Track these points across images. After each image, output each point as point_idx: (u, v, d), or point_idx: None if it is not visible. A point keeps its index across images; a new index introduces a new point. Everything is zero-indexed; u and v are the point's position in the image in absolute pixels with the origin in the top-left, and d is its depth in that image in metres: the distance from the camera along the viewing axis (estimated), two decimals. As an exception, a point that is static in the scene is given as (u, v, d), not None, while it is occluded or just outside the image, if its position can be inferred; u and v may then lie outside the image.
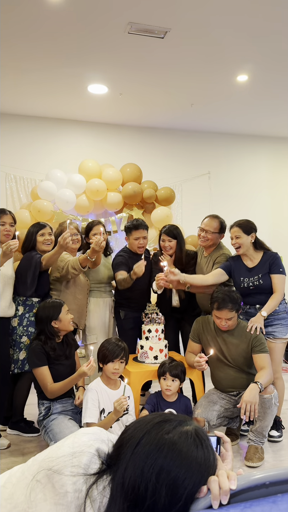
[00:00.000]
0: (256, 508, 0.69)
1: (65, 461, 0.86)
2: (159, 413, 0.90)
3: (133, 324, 3.50)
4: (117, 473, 0.81)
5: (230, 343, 2.91)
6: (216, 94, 4.60)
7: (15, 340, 3.11)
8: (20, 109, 4.96)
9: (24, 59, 3.79)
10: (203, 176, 5.79)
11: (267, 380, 2.67)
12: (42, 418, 2.71)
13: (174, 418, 0.87)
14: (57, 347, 2.79)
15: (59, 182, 4.68)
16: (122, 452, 0.83)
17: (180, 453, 0.79)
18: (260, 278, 3.10)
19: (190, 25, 3.29)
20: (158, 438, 0.81)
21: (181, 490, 0.76)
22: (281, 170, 6.21)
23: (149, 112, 5.10)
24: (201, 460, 0.80)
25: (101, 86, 4.37)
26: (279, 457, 2.89)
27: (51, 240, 3.34)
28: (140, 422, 0.87)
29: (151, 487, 0.76)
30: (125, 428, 0.90)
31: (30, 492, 0.84)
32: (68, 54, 3.72)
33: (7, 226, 3.04)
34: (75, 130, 5.31)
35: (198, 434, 0.84)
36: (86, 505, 0.81)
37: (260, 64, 3.94)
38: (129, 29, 3.32)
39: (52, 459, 0.87)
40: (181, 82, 4.31)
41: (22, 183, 5.04)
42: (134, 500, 0.77)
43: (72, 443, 0.91)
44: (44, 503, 0.82)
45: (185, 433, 0.83)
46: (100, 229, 3.50)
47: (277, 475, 0.76)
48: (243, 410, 2.53)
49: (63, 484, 0.82)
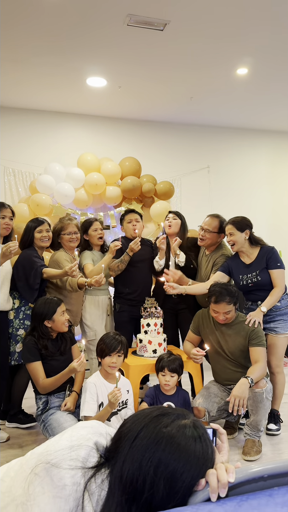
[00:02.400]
0: (252, 501, 0.69)
1: (63, 454, 0.86)
2: (157, 407, 0.90)
3: (128, 318, 3.51)
4: (115, 466, 0.81)
5: (228, 336, 2.92)
6: (215, 87, 4.57)
7: (11, 333, 3.13)
8: (18, 102, 4.93)
9: (22, 51, 3.76)
10: (202, 170, 5.77)
11: (258, 375, 2.67)
12: (40, 413, 2.72)
13: (172, 412, 0.87)
14: (50, 344, 2.76)
15: (57, 176, 4.66)
16: (120, 445, 0.83)
17: (178, 447, 0.79)
18: (258, 275, 3.09)
19: (190, 17, 3.26)
20: (157, 431, 0.82)
21: (179, 483, 0.77)
22: (281, 164, 6.19)
23: (148, 105, 5.07)
24: (199, 454, 0.81)
25: (100, 79, 4.34)
26: (277, 450, 2.90)
27: (48, 236, 3.32)
28: (138, 415, 0.88)
29: (149, 480, 0.76)
30: (124, 422, 0.90)
31: (29, 486, 0.84)
32: (67, 46, 3.69)
33: (7, 219, 3.03)
34: (74, 123, 5.28)
35: (196, 428, 0.84)
36: (84, 498, 0.81)
37: (260, 57, 3.92)
38: (128, 21, 3.29)
39: (50, 453, 0.87)
40: (181, 75, 4.28)
41: (21, 177, 5.02)
42: (132, 493, 0.77)
43: (70, 436, 0.91)
44: (43, 496, 0.82)
45: (183, 427, 0.83)
46: (99, 225, 3.58)
47: (275, 468, 0.76)
48: (231, 404, 2.56)
49: (61, 477, 0.83)
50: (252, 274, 3.12)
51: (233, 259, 3.26)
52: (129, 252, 3.43)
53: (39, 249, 3.31)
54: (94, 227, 3.60)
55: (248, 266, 3.15)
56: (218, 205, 5.50)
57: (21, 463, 0.93)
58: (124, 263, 3.48)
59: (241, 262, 3.19)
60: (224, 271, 3.22)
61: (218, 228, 3.39)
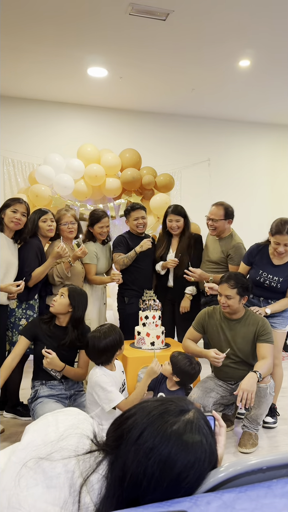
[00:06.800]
0: (251, 493, 0.69)
1: (53, 446, 0.85)
2: (159, 401, 0.86)
3: (137, 308, 3.51)
4: (115, 465, 0.79)
5: (236, 331, 2.88)
6: (217, 79, 4.53)
7: (13, 323, 3.10)
8: (18, 92, 4.89)
9: (23, 41, 3.72)
10: (202, 163, 5.74)
11: (266, 370, 2.66)
12: (30, 401, 2.70)
13: (175, 407, 0.84)
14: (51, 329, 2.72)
15: (57, 167, 4.63)
16: (122, 443, 0.80)
17: (187, 445, 0.78)
18: (279, 282, 3.05)
19: (192, 7, 3.22)
20: (163, 431, 0.79)
21: (183, 483, 0.75)
22: (281, 157, 6.16)
23: (149, 96, 5.03)
24: (206, 449, 0.79)
25: (101, 69, 4.30)
26: (274, 443, 2.92)
27: (53, 226, 3.32)
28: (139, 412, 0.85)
29: (154, 481, 0.75)
30: (124, 416, 0.86)
31: (20, 479, 0.83)
32: (67, 35, 3.65)
33: (18, 214, 2.99)
34: (74, 114, 5.24)
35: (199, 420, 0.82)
36: (82, 490, 0.80)
37: (263, 49, 3.88)
38: (130, 10, 3.25)
39: (39, 447, 0.86)
40: (182, 66, 4.24)
41: (20, 167, 4.99)
42: (133, 493, 0.75)
43: (57, 428, 0.90)
44: (36, 487, 0.81)
45: (189, 422, 0.81)
46: (107, 222, 3.61)
47: (274, 460, 0.75)
48: (239, 397, 2.53)
49: (54, 467, 0.82)
50: (275, 277, 3.07)
51: (260, 250, 3.18)
52: (137, 249, 3.51)
53: (44, 238, 3.31)
54: (101, 224, 3.59)
55: (275, 267, 3.08)
56: (218, 198, 5.40)
57: (9, 457, 0.90)
58: (130, 259, 3.54)
59: (269, 259, 3.13)
60: (247, 263, 3.23)
61: (224, 215, 3.40)
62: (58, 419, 0.93)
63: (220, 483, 0.76)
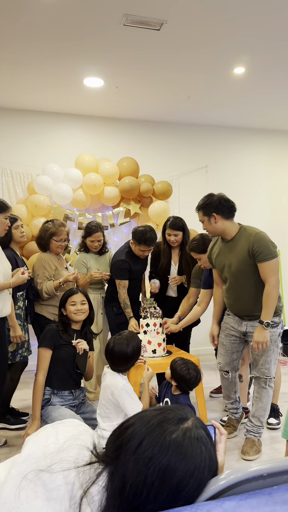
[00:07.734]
0: (251, 501, 0.69)
1: (52, 458, 0.84)
2: (157, 410, 0.86)
3: (125, 319, 3.52)
4: (115, 476, 0.79)
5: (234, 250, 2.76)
6: (213, 86, 4.56)
7: None
8: (15, 103, 4.92)
9: (19, 52, 3.75)
10: (200, 170, 5.76)
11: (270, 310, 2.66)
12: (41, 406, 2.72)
13: (173, 416, 0.84)
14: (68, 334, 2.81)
15: (55, 177, 4.65)
16: (121, 454, 0.80)
17: (186, 454, 0.77)
18: None
19: (186, 17, 3.25)
20: (162, 440, 0.79)
21: (183, 492, 0.75)
22: (279, 163, 6.18)
23: (145, 105, 5.07)
24: (206, 458, 0.79)
25: (97, 80, 4.33)
26: (276, 449, 2.90)
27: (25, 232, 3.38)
28: (138, 422, 0.84)
29: (153, 491, 0.74)
30: (124, 426, 0.86)
31: (20, 492, 0.82)
32: (63, 47, 3.68)
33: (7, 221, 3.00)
34: (71, 124, 5.27)
35: (198, 429, 0.82)
36: (82, 502, 0.80)
37: (257, 56, 3.91)
38: (125, 21, 3.29)
39: (39, 459, 0.85)
40: (178, 75, 4.28)
41: (19, 178, 5.01)
42: (134, 503, 0.75)
43: (56, 439, 0.89)
44: (36, 499, 0.81)
45: (188, 430, 0.81)
46: (99, 236, 3.67)
47: (274, 467, 0.75)
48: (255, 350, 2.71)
49: (54, 479, 0.81)
50: None
51: None
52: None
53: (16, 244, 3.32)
54: (92, 238, 3.66)
55: None
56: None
57: (9, 470, 0.89)
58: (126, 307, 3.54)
59: None
60: None
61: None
62: (58, 430, 0.92)
63: (221, 490, 0.76)
